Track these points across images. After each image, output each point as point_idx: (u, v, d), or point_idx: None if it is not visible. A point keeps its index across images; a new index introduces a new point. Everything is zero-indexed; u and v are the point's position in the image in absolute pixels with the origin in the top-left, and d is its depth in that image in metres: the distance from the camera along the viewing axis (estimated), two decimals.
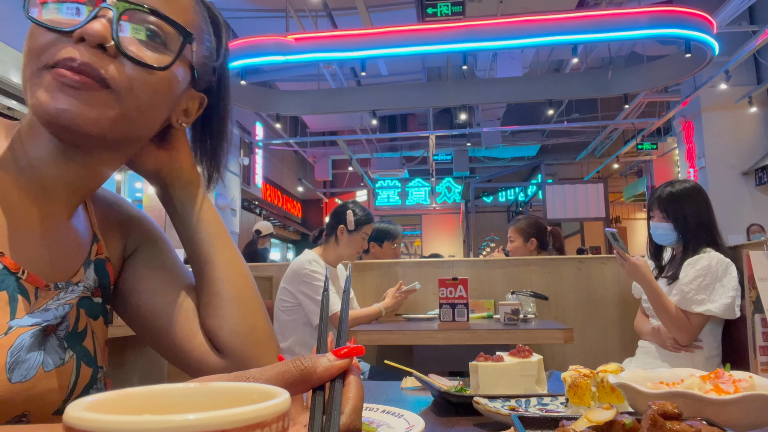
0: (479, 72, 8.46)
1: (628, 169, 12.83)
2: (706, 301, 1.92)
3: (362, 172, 12.77)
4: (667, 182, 2.18)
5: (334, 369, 0.40)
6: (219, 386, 0.34)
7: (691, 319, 1.96)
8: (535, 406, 0.80)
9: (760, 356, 0.93)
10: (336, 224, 2.57)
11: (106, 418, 0.26)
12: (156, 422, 0.25)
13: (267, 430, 0.27)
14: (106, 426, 0.26)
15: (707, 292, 1.92)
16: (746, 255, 0.97)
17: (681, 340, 1.99)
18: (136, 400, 0.32)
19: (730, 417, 0.58)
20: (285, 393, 0.30)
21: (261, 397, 0.32)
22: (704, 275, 1.95)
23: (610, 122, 10.02)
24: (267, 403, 0.28)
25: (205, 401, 0.33)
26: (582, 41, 5.72)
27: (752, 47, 6.02)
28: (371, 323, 2.48)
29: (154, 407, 0.32)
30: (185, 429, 0.25)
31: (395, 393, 1.03)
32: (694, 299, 1.93)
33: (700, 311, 1.92)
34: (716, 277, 1.93)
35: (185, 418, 0.25)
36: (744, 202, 7.46)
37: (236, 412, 0.26)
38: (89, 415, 0.26)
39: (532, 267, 3.03)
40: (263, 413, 0.27)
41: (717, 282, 1.93)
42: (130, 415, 0.26)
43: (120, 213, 0.78)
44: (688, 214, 2.06)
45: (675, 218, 2.07)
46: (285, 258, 15.23)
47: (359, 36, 5.83)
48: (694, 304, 1.93)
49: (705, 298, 1.92)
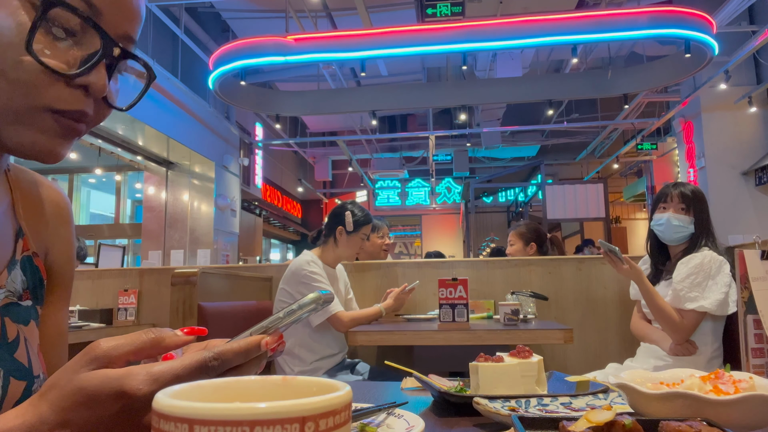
0: (479, 72, 8.46)
1: (628, 169, 12.83)
2: (699, 298, 1.92)
3: (362, 172, 12.77)
4: (678, 182, 2.18)
5: (180, 341, 0.48)
6: (277, 379, 0.38)
7: (684, 317, 1.96)
8: (535, 406, 0.79)
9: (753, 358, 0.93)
10: (335, 225, 2.57)
11: (202, 405, 0.29)
12: (247, 408, 0.28)
13: (337, 417, 0.31)
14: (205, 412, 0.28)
15: (700, 289, 1.93)
16: (739, 254, 0.97)
17: (675, 339, 1.99)
18: (209, 390, 0.36)
19: (730, 417, 0.58)
20: (347, 386, 0.33)
21: (320, 389, 0.36)
22: (697, 273, 1.96)
23: (610, 122, 10.02)
24: (336, 393, 0.31)
25: (266, 391, 0.38)
26: (582, 41, 5.72)
27: (752, 47, 6.02)
28: (371, 324, 2.48)
29: (226, 396, 0.36)
30: (271, 414, 0.28)
31: (395, 393, 1.03)
32: (687, 297, 1.94)
33: (692, 308, 1.92)
34: (708, 275, 1.95)
35: (272, 404, 0.29)
36: (744, 202, 7.46)
37: (315, 401, 0.30)
38: (181, 402, 0.29)
39: (532, 267, 3.03)
40: (334, 402, 0.31)
41: (709, 279, 1.94)
42: (221, 402, 0.29)
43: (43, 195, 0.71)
44: (704, 213, 2.09)
45: (696, 213, 2.08)
46: (285, 258, 15.24)
47: (359, 36, 5.83)
48: (686, 301, 1.94)
49: (698, 295, 1.93)
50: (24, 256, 0.65)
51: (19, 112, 0.51)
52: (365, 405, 0.75)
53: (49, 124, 0.53)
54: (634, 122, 9.59)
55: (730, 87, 7.05)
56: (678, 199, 2.10)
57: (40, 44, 0.50)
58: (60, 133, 0.54)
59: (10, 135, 0.53)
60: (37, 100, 0.51)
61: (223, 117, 8.77)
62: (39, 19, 0.49)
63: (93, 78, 0.53)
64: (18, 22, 0.50)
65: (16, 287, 0.63)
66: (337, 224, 2.56)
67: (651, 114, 9.64)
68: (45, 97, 0.51)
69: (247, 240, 11.06)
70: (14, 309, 0.62)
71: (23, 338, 0.62)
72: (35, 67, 0.50)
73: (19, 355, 0.60)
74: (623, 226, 13.60)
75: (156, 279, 3.34)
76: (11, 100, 0.51)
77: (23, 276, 0.64)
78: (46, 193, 0.71)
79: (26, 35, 0.49)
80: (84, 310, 3.18)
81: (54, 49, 0.51)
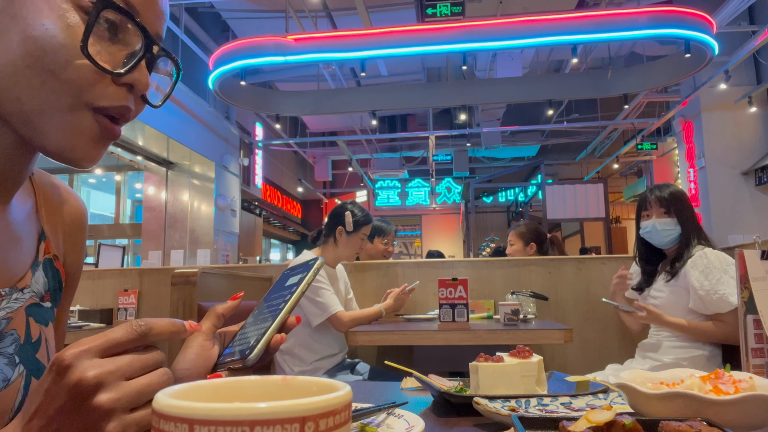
0: (479, 72, 8.46)
1: (628, 169, 12.83)
2: (729, 294, 1.90)
3: (362, 172, 12.77)
4: (655, 186, 2.20)
5: (173, 327, 0.48)
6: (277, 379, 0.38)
7: (726, 318, 1.92)
8: (535, 406, 0.79)
9: (753, 358, 0.93)
10: (334, 225, 2.57)
11: (202, 405, 0.29)
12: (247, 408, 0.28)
13: (337, 417, 0.31)
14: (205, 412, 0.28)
15: (723, 285, 1.92)
16: (739, 254, 0.97)
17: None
18: (209, 390, 0.36)
19: (730, 417, 0.58)
20: (347, 386, 0.33)
21: (320, 389, 0.36)
22: (710, 271, 1.95)
23: (610, 122, 10.02)
24: (336, 393, 0.32)
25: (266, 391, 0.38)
26: (582, 41, 5.72)
27: (752, 47, 6.02)
28: (371, 324, 2.48)
29: (226, 396, 0.36)
30: (271, 414, 0.28)
31: (395, 393, 1.03)
32: (721, 299, 1.91)
33: (730, 309, 1.89)
34: (723, 270, 1.94)
35: (272, 404, 0.29)
36: (744, 202, 7.46)
37: (315, 401, 0.30)
38: (181, 402, 0.29)
39: (532, 267, 3.03)
40: (334, 402, 0.31)
41: (725, 274, 1.93)
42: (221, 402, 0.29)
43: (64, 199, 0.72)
44: (686, 211, 2.10)
45: (677, 214, 2.08)
46: (285, 258, 15.24)
47: (359, 36, 5.83)
48: (722, 302, 1.91)
49: (726, 292, 1.90)
50: (46, 259, 0.66)
51: (64, 112, 0.52)
52: (365, 405, 0.75)
53: (88, 125, 0.54)
54: (634, 122, 9.59)
55: (730, 87, 7.05)
56: (657, 204, 2.12)
57: (91, 45, 0.52)
58: (98, 135, 0.54)
59: (51, 136, 0.53)
60: (83, 97, 0.52)
61: (223, 117, 8.77)
62: (94, 21, 0.51)
63: (137, 75, 0.54)
64: (68, 23, 0.51)
65: (39, 288, 0.63)
66: (337, 224, 2.56)
67: (651, 114, 9.64)
68: (91, 94, 0.53)
69: (247, 240, 11.06)
70: (37, 310, 0.63)
71: (44, 339, 0.63)
72: (88, 67, 0.51)
73: (40, 355, 0.61)
74: (623, 226, 13.58)
75: (156, 279, 3.34)
76: (60, 100, 0.52)
77: (45, 278, 0.65)
78: (66, 198, 0.72)
79: (79, 37, 0.51)
80: (84, 310, 3.18)
81: (102, 48, 0.53)
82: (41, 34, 0.50)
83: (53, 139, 0.53)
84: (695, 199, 7.83)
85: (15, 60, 0.50)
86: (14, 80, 0.51)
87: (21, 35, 0.50)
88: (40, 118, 0.52)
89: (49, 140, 0.53)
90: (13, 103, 0.51)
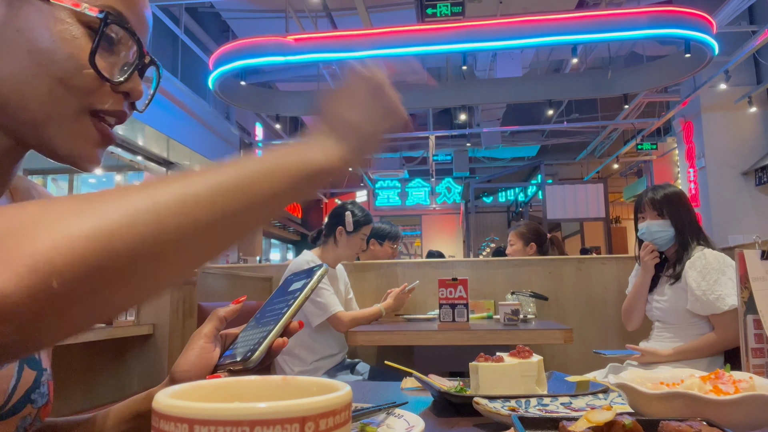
0: (479, 72, 8.46)
1: (628, 169, 12.83)
2: (725, 295, 1.90)
3: (362, 172, 12.77)
4: (651, 188, 2.20)
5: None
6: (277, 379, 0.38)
7: (722, 320, 1.92)
8: (535, 406, 0.79)
9: (753, 358, 0.93)
10: (335, 225, 2.57)
11: (202, 405, 0.28)
12: (247, 408, 0.28)
13: (337, 417, 0.31)
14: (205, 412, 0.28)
15: (719, 286, 1.92)
16: (739, 254, 0.97)
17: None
18: (209, 390, 0.36)
19: (730, 417, 0.58)
20: (347, 386, 0.34)
21: (320, 389, 0.36)
22: (708, 272, 1.95)
23: (610, 122, 10.01)
24: (336, 393, 0.32)
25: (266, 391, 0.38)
26: (582, 41, 5.72)
27: (752, 47, 6.02)
28: (371, 324, 2.48)
29: (226, 396, 0.36)
30: (271, 414, 0.28)
31: (395, 393, 1.03)
32: (717, 299, 1.91)
33: (727, 308, 1.89)
34: (721, 271, 1.94)
35: (272, 404, 0.28)
36: (744, 202, 7.46)
37: (315, 401, 0.30)
38: (181, 402, 0.29)
39: (532, 267, 3.03)
40: (334, 402, 0.31)
41: (722, 275, 1.93)
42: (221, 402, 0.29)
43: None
44: (682, 212, 2.10)
45: (671, 216, 2.08)
46: (285, 258, 15.23)
47: (359, 36, 5.83)
48: (718, 303, 1.91)
49: (722, 293, 1.90)
50: None
51: (70, 118, 0.57)
52: (365, 405, 0.75)
53: (89, 130, 0.58)
54: (634, 122, 9.59)
55: (730, 87, 7.05)
56: (650, 206, 2.13)
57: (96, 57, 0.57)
58: (98, 140, 0.59)
59: (61, 142, 0.57)
60: (85, 103, 0.57)
61: (223, 117, 8.76)
62: (100, 36, 0.55)
63: (132, 84, 0.60)
64: (73, 35, 0.55)
65: None
66: (337, 224, 2.56)
67: (651, 114, 9.64)
68: (92, 100, 0.57)
69: (247, 240, 11.03)
70: None
71: None
72: (92, 76, 0.56)
73: None
74: (623, 226, 13.58)
75: None
76: (66, 106, 0.56)
77: None
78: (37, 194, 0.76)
79: (84, 48, 0.55)
80: None
81: (103, 59, 0.57)
82: (49, 46, 0.54)
83: (63, 145, 0.57)
84: (695, 199, 7.83)
85: (23, 70, 0.54)
86: (22, 90, 0.54)
87: (28, 47, 0.53)
88: (49, 124, 0.56)
89: (59, 146, 0.57)
90: (22, 112, 0.55)
